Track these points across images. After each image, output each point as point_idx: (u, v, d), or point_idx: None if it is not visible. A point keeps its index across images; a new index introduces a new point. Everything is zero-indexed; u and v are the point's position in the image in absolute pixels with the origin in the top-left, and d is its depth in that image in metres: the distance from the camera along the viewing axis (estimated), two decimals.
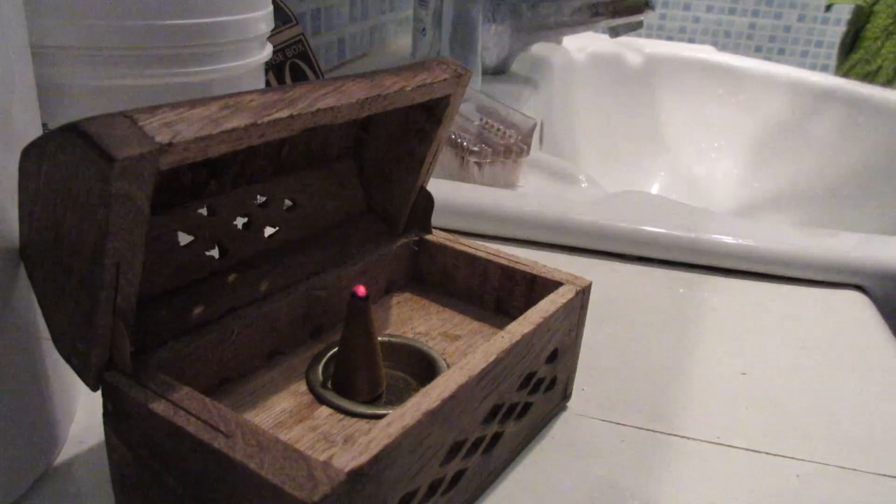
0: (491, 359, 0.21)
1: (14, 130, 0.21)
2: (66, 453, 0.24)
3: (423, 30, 0.67)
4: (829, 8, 1.55)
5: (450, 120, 0.27)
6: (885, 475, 0.26)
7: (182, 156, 0.17)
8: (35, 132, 0.23)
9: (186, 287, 0.23)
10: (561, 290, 0.26)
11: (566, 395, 0.28)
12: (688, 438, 0.27)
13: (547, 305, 0.25)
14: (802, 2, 1.95)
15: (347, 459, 0.17)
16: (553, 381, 0.26)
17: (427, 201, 0.30)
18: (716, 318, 0.36)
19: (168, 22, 0.30)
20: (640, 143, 0.90)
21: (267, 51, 0.36)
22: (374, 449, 0.17)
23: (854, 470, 0.26)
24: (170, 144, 0.17)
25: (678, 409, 0.29)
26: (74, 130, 0.16)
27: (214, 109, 0.18)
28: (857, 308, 0.38)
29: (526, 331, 0.23)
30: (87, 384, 0.20)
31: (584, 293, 0.26)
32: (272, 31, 0.37)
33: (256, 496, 0.17)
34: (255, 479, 0.17)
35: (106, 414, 0.20)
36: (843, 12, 1.82)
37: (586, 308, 0.27)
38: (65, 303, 0.19)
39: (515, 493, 0.24)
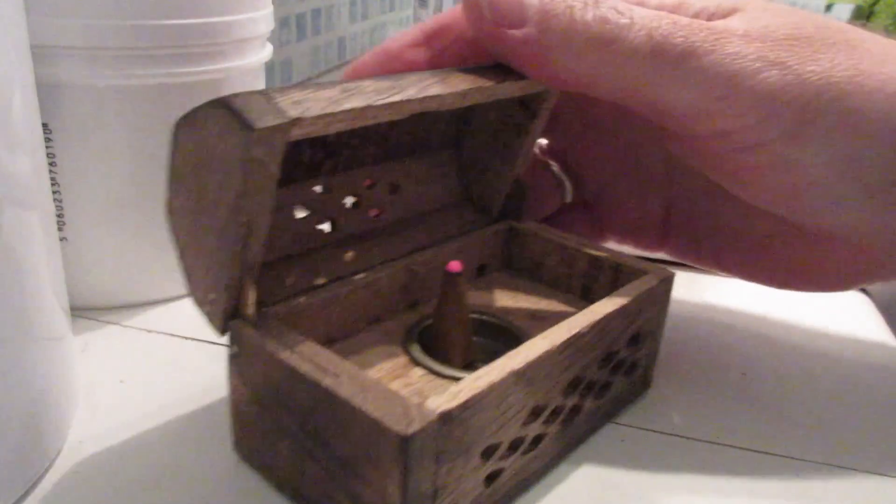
0: (574, 331, 0.23)
1: (14, 130, 0.21)
2: (66, 454, 0.24)
3: None
4: (829, 8, 1.55)
5: (546, 114, 0.29)
6: (885, 475, 0.26)
7: (308, 129, 0.20)
8: (35, 132, 0.23)
9: (301, 255, 0.26)
10: (645, 277, 0.27)
11: (647, 383, 0.29)
12: (688, 438, 0.27)
13: (630, 290, 0.26)
14: (802, 2, 1.95)
15: (439, 403, 0.19)
16: (633, 366, 0.28)
17: (520, 192, 0.32)
18: (715, 318, 0.36)
19: (168, 22, 0.30)
20: None
21: (267, 50, 0.36)
22: (463, 397, 0.19)
23: (854, 470, 0.26)
24: (299, 119, 0.19)
25: (678, 408, 0.29)
26: (221, 104, 0.19)
27: (336, 92, 0.21)
28: (857, 308, 0.38)
29: (608, 310, 0.25)
30: (215, 328, 0.23)
31: (667, 282, 0.28)
32: None
33: (358, 429, 0.19)
34: (358, 413, 0.19)
35: (230, 357, 0.23)
36: (843, 12, 1.83)
37: (669, 297, 0.28)
38: (202, 257, 0.22)
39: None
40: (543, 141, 0.36)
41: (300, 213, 0.27)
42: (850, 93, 0.24)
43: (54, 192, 0.31)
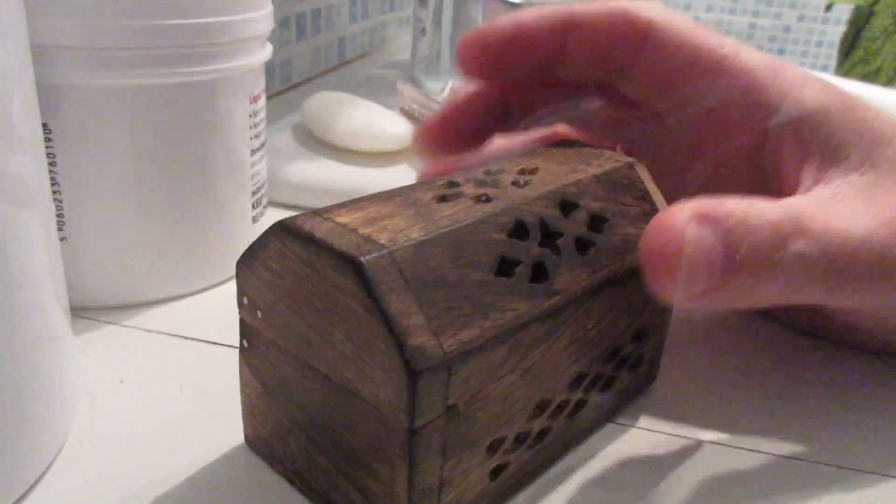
0: (579, 326, 0.24)
1: (14, 130, 0.21)
2: (66, 453, 0.24)
3: (423, 30, 0.67)
4: (829, 8, 1.55)
5: None
6: (885, 475, 0.26)
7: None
8: (35, 132, 0.23)
9: None
10: None
11: (652, 376, 0.30)
12: (688, 438, 0.27)
13: (634, 285, 0.26)
14: (802, 2, 1.95)
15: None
16: (638, 360, 0.28)
17: None
18: (715, 317, 0.36)
19: (168, 22, 0.30)
20: None
21: (267, 50, 0.36)
22: (470, 392, 0.20)
23: (854, 470, 0.26)
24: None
25: (677, 408, 0.29)
26: (403, 364, 0.18)
27: (516, 377, 0.21)
28: None
29: (613, 305, 0.25)
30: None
31: None
32: None
33: (366, 422, 0.20)
34: (366, 407, 0.19)
35: (241, 350, 0.23)
36: (843, 12, 1.83)
37: None
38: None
39: None
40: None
41: None
42: None
43: (54, 192, 0.31)
